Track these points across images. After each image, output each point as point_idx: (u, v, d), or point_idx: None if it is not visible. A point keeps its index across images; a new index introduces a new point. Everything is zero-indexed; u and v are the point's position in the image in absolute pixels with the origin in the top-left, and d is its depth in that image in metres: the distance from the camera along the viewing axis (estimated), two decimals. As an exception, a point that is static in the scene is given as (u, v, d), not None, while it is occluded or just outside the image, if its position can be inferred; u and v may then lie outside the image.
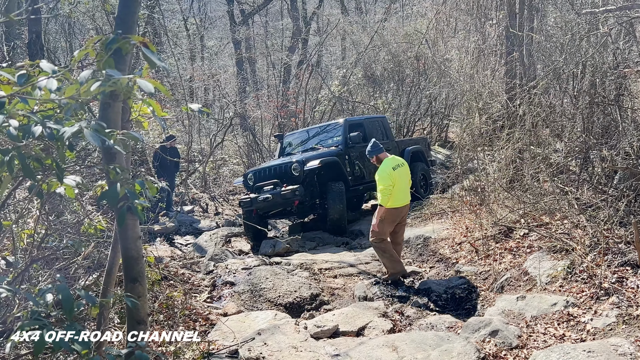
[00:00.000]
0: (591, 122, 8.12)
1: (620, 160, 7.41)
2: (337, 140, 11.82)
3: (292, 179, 10.58)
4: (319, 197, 10.98)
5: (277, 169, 11.02)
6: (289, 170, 10.71)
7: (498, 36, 11.04)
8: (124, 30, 2.13)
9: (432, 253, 8.67)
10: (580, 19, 8.25)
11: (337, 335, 5.97)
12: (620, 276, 5.64)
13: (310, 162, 10.66)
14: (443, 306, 6.70)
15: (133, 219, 2.38)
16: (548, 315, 5.56)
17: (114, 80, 1.85)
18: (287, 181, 10.58)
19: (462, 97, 11.77)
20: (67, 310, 1.80)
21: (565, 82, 8.53)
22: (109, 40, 1.96)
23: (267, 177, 11.05)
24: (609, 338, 4.78)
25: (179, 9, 24.85)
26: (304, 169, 10.56)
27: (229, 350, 5.32)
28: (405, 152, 12.87)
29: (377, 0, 35.16)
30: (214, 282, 8.28)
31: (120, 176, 2.12)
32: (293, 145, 12.81)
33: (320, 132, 12.69)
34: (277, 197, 10.43)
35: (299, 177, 10.56)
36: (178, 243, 10.96)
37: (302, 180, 10.56)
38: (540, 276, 6.40)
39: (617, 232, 6.40)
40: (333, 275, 8.35)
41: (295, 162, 10.74)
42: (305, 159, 10.81)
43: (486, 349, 5.15)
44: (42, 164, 2.07)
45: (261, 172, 11.34)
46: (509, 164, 9.01)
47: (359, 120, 12.71)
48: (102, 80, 1.85)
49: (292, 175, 10.62)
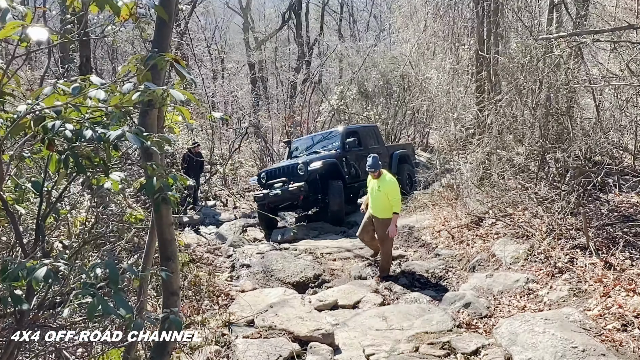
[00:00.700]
0: (547, 129, 8.12)
1: (571, 161, 7.41)
2: (336, 145, 11.85)
3: (298, 177, 10.62)
4: (321, 193, 10.94)
5: (285, 169, 11.08)
6: (296, 170, 10.75)
7: (469, 58, 11.03)
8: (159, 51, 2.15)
9: (416, 239, 8.68)
10: (538, 44, 8.25)
11: (336, 307, 5.98)
12: (571, 257, 5.66)
13: (313, 163, 10.75)
14: (425, 283, 6.71)
15: (167, 207, 2.40)
16: (512, 290, 5.57)
17: (150, 91, 1.86)
18: (294, 179, 10.63)
19: (440, 109, 11.74)
20: (113, 282, 1.82)
21: (525, 96, 8.52)
22: (147, 57, 1.98)
23: (276, 176, 11.09)
24: (562, 308, 4.79)
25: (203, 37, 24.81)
26: (308, 169, 10.63)
27: (246, 320, 5.33)
28: (394, 156, 12.94)
29: (368, 29, 35.20)
30: (233, 264, 8.28)
31: (156, 171, 2.14)
32: (300, 150, 12.82)
33: (323, 138, 12.70)
34: (285, 192, 10.46)
35: (303, 176, 10.58)
36: (203, 232, 10.94)
37: (307, 179, 10.57)
38: (505, 258, 6.41)
39: (568, 220, 6.42)
40: (333, 259, 8.36)
41: (300, 163, 10.81)
42: (309, 160, 10.89)
43: (460, 318, 5.16)
44: (92, 162, 2.09)
45: (272, 172, 11.41)
46: (479, 164, 9.01)
47: (355, 129, 12.80)
48: (141, 91, 1.87)
49: (298, 174, 10.67)
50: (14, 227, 2.36)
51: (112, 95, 1.90)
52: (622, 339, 4.05)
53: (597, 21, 9.06)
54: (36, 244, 2.38)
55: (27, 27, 1.54)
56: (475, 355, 4.34)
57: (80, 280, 2.22)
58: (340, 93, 19.69)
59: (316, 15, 32.83)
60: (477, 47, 10.27)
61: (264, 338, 4.76)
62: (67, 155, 1.93)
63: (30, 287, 2.09)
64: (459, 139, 10.34)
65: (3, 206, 2.29)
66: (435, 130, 16.60)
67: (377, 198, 6.84)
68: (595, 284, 4.97)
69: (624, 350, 3.92)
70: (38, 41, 1.54)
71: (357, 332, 4.99)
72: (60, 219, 2.79)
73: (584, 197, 6.78)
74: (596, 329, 4.26)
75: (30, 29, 1.53)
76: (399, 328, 4.97)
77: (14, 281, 1.81)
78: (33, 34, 1.53)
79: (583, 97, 9.16)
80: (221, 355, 4.49)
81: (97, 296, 1.80)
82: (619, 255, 5.34)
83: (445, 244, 7.94)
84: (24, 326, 2.17)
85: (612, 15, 8.89)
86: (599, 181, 6.89)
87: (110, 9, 1.68)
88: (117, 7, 1.70)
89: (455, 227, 8.20)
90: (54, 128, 1.86)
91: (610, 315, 4.41)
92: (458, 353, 4.39)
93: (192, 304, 5.65)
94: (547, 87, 8.02)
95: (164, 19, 2.44)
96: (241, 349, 4.47)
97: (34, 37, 1.52)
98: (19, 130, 1.96)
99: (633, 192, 6.82)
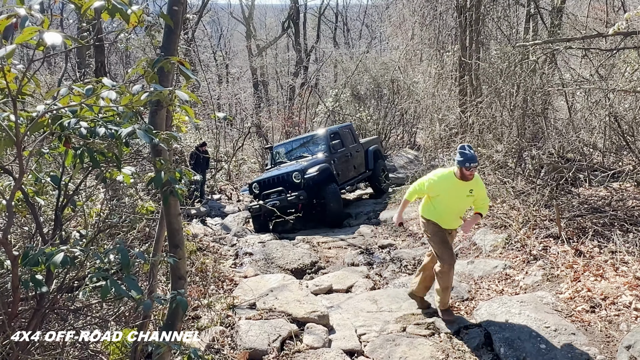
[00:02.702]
0: (524, 129, 8.14)
1: (545, 158, 7.44)
2: (322, 148, 11.00)
3: (294, 186, 9.74)
4: (317, 198, 9.98)
5: (279, 178, 10.03)
6: (291, 178, 9.80)
7: (453, 64, 11.03)
8: (167, 55, 2.14)
9: (404, 230, 8.70)
10: (515, 51, 8.26)
11: (331, 292, 6.00)
12: (545, 245, 5.68)
13: (309, 170, 9.87)
14: (412, 269, 6.72)
15: (175, 199, 2.40)
16: (491, 275, 5.59)
17: (157, 91, 1.86)
18: (289, 188, 9.76)
19: (426, 110, 11.76)
20: (125, 266, 1.82)
21: (504, 99, 8.54)
22: (155, 60, 1.98)
23: (270, 186, 10.07)
24: (536, 292, 4.82)
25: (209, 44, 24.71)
26: (305, 177, 9.73)
27: (248, 303, 5.34)
28: (369, 152, 12.27)
29: (361, 37, 35.18)
30: (237, 252, 8.29)
31: (164, 166, 2.14)
32: (281, 155, 11.72)
33: (305, 142, 11.75)
34: (284, 202, 9.59)
35: (299, 184, 9.70)
36: (209, 223, 10.94)
37: (303, 186, 9.69)
38: (485, 246, 6.43)
39: (542, 212, 6.44)
40: (328, 247, 8.37)
41: (295, 171, 9.87)
42: (303, 167, 9.96)
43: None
44: (106, 157, 2.09)
45: (264, 181, 10.26)
46: (462, 161, 9.02)
47: (335, 130, 11.86)
48: (149, 92, 1.87)
49: (293, 182, 9.75)
50: (35, 218, 2.36)
51: (122, 96, 1.90)
52: (591, 320, 4.09)
53: (570, 30, 9.10)
54: (55, 232, 2.38)
55: (43, 32, 1.54)
56: (457, 334, 4.36)
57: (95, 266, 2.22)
58: (335, 96, 19.68)
59: (313, 24, 32.77)
60: (460, 53, 10.28)
61: (265, 319, 4.77)
62: (82, 151, 1.92)
63: (49, 271, 2.09)
64: (443, 138, 10.36)
65: (24, 198, 2.29)
66: (421, 130, 16.63)
67: (464, 204, 4.51)
68: (566, 270, 5.00)
69: (592, 330, 3.95)
70: (53, 45, 1.53)
71: (350, 313, 5.02)
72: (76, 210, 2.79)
73: (556, 191, 6.80)
74: (567, 311, 4.29)
75: (46, 34, 1.53)
76: (388, 310, 4.99)
77: (34, 266, 1.82)
78: (48, 38, 1.52)
79: (556, 100, 9.20)
80: (226, 334, 4.50)
81: (109, 279, 1.81)
82: (588, 244, 5.36)
83: (430, 233, 7.95)
84: (44, 307, 2.18)
85: (583, 25, 8.92)
86: (571, 176, 6.91)
87: (120, 16, 1.67)
88: (126, 15, 1.69)
89: (440, 218, 8.21)
90: (70, 126, 1.86)
91: (580, 298, 4.44)
92: (442, 333, 4.41)
93: (200, 289, 5.66)
94: (524, 90, 8.03)
95: (171, 26, 2.44)
96: (244, 329, 4.49)
97: (49, 41, 1.51)
98: (38, 128, 1.96)
99: (601, 186, 6.85)
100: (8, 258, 1.99)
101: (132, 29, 1.88)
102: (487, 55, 9.98)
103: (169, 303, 2.29)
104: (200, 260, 6.42)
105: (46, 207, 3.41)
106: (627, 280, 4.44)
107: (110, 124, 1.94)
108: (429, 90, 11.63)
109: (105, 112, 2.05)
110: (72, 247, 1.86)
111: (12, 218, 2.05)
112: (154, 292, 2.37)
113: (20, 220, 3.10)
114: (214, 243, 8.74)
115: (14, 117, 1.83)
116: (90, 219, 3.42)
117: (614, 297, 4.27)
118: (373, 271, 6.80)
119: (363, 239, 8.52)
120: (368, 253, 7.70)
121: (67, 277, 2.40)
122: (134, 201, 4.79)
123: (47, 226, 3.19)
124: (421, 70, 13.32)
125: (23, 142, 1.97)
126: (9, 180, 2.50)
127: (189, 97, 1.90)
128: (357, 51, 24.44)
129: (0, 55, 1.59)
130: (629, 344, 3.51)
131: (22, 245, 2.90)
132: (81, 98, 1.88)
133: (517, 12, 10.88)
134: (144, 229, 4.87)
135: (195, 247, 6.54)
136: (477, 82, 9.89)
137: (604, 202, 6.39)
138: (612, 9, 9.83)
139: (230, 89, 23.26)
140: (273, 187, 10.00)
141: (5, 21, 1.57)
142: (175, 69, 2.17)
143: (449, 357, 3.98)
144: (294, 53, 28.76)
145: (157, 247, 2.74)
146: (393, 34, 15.22)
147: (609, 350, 3.64)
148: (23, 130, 1.90)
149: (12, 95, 1.80)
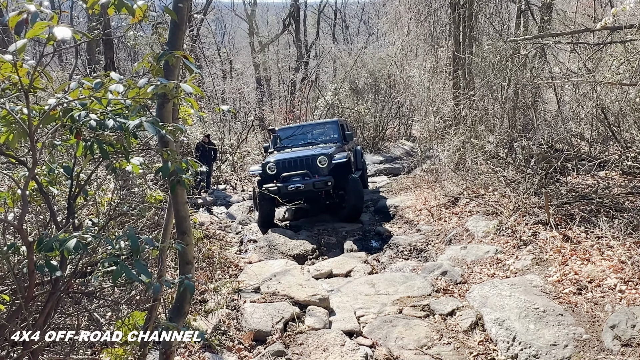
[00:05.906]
0: (514, 120, 8.12)
1: (535, 148, 7.43)
2: (335, 137, 10.00)
3: (319, 170, 8.46)
4: (337, 188, 8.71)
5: (302, 160, 8.61)
6: (316, 162, 8.48)
7: (447, 59, 10.96)
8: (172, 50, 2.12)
9: (400, 217, 8.71)
10: (507, 46, 8.20)
11: (331, 276, 6.02)
12: (534, 231, 5.68)
13: (336, 155, 8.69)
14: (408, 255, 6.74)
15: (181, 188, 2.39)
16: (483, 259, 5.61)
17: (163, 84, 1.85)
18: (315, 172, 8.46)
19: (421, 103, 11.70)
20: (135, 251, 1.82)
21: (495, 92, 8.50)
22: (160, 55, 1.96)
23: (291, 168, 8.60)
24: (526, 275, 4.83)
25: (213, 41, 24.53)
26: (332, 162, 8.50)
27: (253, 287, 5.36)
28: (357, 151, 11.34)
29: (359, 33, 35.01)
30: (242, 240, 8.31)
31: (171, 157, 2.13)
32: (284, 138, 10.41)
33: (314, 128, 10.67)
34: (309, 186, 8.25)
35: (324, 169, 8.44)
36: (215, 212, 10.95)
37: (330, 172, 8.47)
38: (477, 232, 6.44)
39: (532, 200, 6.44)
40: (329, 234, 8.38)
41: (322, 155, 8.56)
42: (330, 152, 8.69)
43: (438, 284, 5.20)
44: (115, 148, 2.08)
45: (284, 162, 8.68)
46: (456, 152, 9.02)
47: (344, 120, 11.58)
48: (154, 85, 1.86)
49: (317, 166, 8.46)
50: (49, 206, 2.36)
51: (130, 89, 1.89)
52: (577, 301, 4.10)
53: (559, 25, 9.03)
54: (68, 220, 2.38)
55: (52, 26, 1.52)
56: (451, 315, 4.38)
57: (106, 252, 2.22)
58: (334, 90, 19.60)
59: (313, 22, 32.57)
60: (454, 48, 10.21)
61: (269, 302, 4.79)
62: (92, 142, 1.91)
63: (63, 257, 2.09)
64: (437, 130, 10.34)
65: (38, 188, 2.28)
66: (417, 122, 16.58)
67: None
68: (554, 254, 5.01)
69: (579, 311, 3.96)
70: (63, 38, 1.52)
71: (349, 297, 5.03)
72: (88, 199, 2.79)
73: (546, 180, 6.79)
74: (555, 293, 4.30)
75: (56, 28, 1.51)
76: (385, 293, 5.01)
77: (49, 251, 1.82)
78: (58, 32, 1.51)
79: (546, 92, 9.17)
80: (232, 317, 4.52)
81: (120, 264, 1.81)
82: (575, 229, 5.36)
83: (425, 220, 7.97)
84: (59, 291, 2.18)
85: (572, 20, 8.86)
86: (559, 165, 6.90)
87: (126, 10, 1.66)
88: (132, 9, 1.68)
89: (435, 206, 8.23)
90: (80, 118, 1.85)
91: (567, 281, 4.45)
92: (436, 314, 4.43)
93: (206, 274, 5.68)
94: (515, 84, 8.00)
95: (177, 22, 2.41)
96: (249, 312, 4.51)
97: (59, 35, 1.50)
98: (50, 121, 1.95)
99: (588, 174, 6.84)
100: (24, 244, 1.99)
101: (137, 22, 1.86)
102: (480, 50, 9.90)
103: (177, 287, 2.29)
104: (206, 247, 6.44)
105: (59, 197, 3.41)
106: (612, 264, 4.45)
107: (118, 117, 1.93)
108: (424, 84, 11.57)
109: (114, 105, 2.04)
110: (84, 234, 1.86)
111: (27, 206, 2.04)
112: (163, 277, 2.38)
113: (35, 209, 3.10)
114: (220, 231, 8.76)
115: (27, 110, 1.82)
116: (102, 207, 3.42)
117: (599, 280, 4.28)
118: (371, 257, 6.82)
119: (362, 226, 8.53)
120: (366, 239, 7.71)
121: (81, 262, 2.40)
122: (143, 191, 4.79)
123: (60, 214, 3.19)
124: (416, 65, 13.24)
125: (36, 134, 1.96)
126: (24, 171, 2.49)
127: (193, 90, 1.89)
128: (355, 47, 24.26)
129: (12, 49, 1.58)
130: (613, 323, 3.53)
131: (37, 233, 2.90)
132: (90, 92, 1.87)
133: (508, 9, 10.80)
134: (153, 217, 4.87)
135: (202, 234, 6.55)
136: (470, 76, 9.84)
137: (590, 189, 6.39)
138: (599, 4, 9.75)
139: (234, 84, 23.16)
140: (293, 170, 8.61)
141: (16, 17, 1.56)
142: (181, 64, 2.15)
143: (443, 337, 4.00)
144: (294, 49, 28.57)
145: (166, 234, 2.74)
146: (389, 30, 15.09)
147: (595, 330, 3.65)
148: (36, 123, 1.89)
149: (24, 89, 1.79)
